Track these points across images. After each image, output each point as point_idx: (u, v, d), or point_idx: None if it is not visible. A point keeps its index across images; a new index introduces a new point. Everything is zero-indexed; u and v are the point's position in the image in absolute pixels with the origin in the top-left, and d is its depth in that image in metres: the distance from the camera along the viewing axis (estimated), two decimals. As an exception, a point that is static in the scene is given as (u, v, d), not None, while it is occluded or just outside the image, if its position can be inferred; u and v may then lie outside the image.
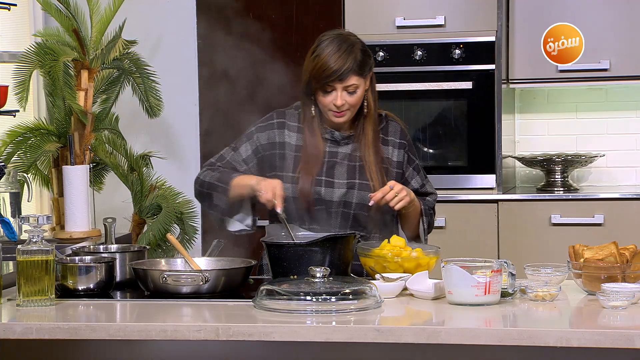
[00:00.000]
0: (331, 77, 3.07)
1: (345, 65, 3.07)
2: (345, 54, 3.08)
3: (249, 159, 3.19)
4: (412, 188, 3.19)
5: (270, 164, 3.17)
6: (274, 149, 3.18)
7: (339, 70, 3.06)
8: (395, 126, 3.23)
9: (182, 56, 4.92)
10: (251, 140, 3.21)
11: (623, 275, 2.70)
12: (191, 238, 4.18)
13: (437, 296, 2.70)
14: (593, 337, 2.31)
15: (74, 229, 3.83)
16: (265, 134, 3.20)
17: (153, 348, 2.69)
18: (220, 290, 2.78)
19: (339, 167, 3.15)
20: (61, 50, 3.96)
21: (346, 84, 3.08)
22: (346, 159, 3.16)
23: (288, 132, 3.19)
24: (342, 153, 3.17)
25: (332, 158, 3.16)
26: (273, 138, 3.19)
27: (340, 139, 3.17)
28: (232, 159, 3.20)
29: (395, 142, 3.21)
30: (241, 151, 3.21)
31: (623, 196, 4.61)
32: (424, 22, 4.67)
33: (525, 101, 5.09)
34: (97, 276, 2.82)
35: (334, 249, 2.86)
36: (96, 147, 4.09)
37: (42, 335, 2.48)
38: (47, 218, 2.70)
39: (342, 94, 3.09)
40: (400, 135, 3.23)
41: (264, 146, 3.19)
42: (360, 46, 3.13)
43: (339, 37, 3.12)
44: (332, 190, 3.12)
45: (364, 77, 3.11)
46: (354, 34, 3.18)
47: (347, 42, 3.11)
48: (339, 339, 2.40)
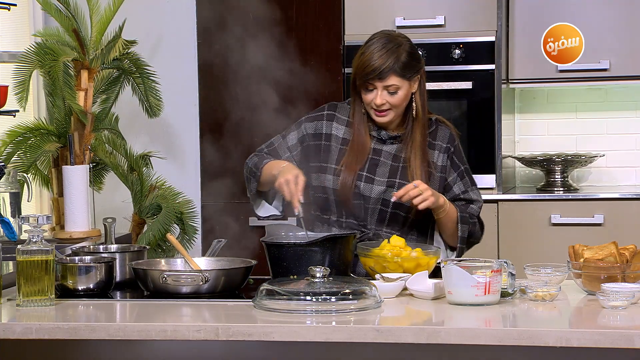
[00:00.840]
0: (370, 75, 3.08)
1: (386, 64, 3.07)
2: (388, 53, 3.08)
3: (293, 147, 3.23)
4: (454, 193, 3.18)
5: (314, 154, 3.20)
6: (320, 140, 3.21)
7: (378, 68, 3.07)
8: (444, 131, 3.22)
9: (182, 56, 4.92)
10: (299, 129, 3.25)
11: (623, 275, 2.71)
12: (191, 238, 4.18)
13: (437, 296, 2.70)
14: (593, 337, 2.31)
15: (74, 229, 3.83)
16: (314, 124, 3.23)
17: (153, 348, 2.69)
18: (220, 290, 2.78)
19: (382, 165, 3.16)
20: (61, 50, 3.95)
21: (386, 84, 3.08)
22: (390, 159, 3.17)
23: (336, 125, 3.21)
24: (387, 152, 3.17)
25: (376, 155, 3.17)
26: (320, 129, 3.22)
27: (386, 138, 3.18)
28: (279, 146, 3.24)
29: (442, 146, 3.20)
30: (288, 139, 3.25)
31: (623, 196, 4.61)
32: (424, 22, 4.67)
33: (525, 101, 5.09)
34: (96, 276, 2.82)
35: (333, 249, 2.86)
36: (96, 147, 4.09)
37: (41, 335, 2.48)
38: (47, 218, 2.70)
39: (383, 93, 3.10)
40: (448, 140, 3.21)
41: (310, 136, 3.22)
42: (407, 48, 3.12)
43: (386, 36, 3.13)
44: (371, 186, 3.13)
45: (407, 79, 3.11)
46: (404, 36, 3.17)
47: (393, 42, 3.11)
48: (338, 339, 2.40)
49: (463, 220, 3.13)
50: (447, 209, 3.10)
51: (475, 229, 3.18)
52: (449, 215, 3.11)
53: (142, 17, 4.82)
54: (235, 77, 4.79)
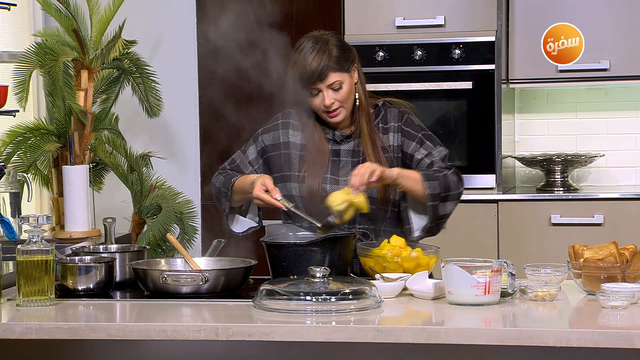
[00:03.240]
0: (311, 79, 3.06)
1: (321, 63, 3.05)
2: (320, 53, 3.06)
3: (254, 161, 3.21)
4: (417, 160, 3.09)
5: (277, 165, 3.18)
6: (279, 149, 3.19)
7: (316, 70, 3.05)
8: (393, 111, 3.18)
9: (182, 56, 4.92)
10: (257, 142, 3.23)
11: (623, 275, 2.70)
12: (191, 238, 4.18)
13: (437, 296, 2.70)
14: (593, 337, 2.31)
15: (74, 229, 3.83)
16: (270, 134, 3.22)
17: (153, 348, 2.69)
18: (220, 290, 2.78)
19: (343, 164, 3.14)
20: (61, 50, 3.95)
21: (328, 82, 3.07)
22: (350, 155, 3.15)
23: (292, 132, 3.19)
24: (345, 150, 3.16)
25: (336, 156, 3.15)
26: (277, 138, 3.20)
27: (340, 139, 3.16)
28: (241, 162, 3.23)
29: (394, 126, 3.16)
30: (248, 153, 3.23)
31: (623, 196, 4.61)
32: (424, 22, 4.67)
33: (525, 101, 5.09)
34: (96, 276, 2.82)
35: (333, 249, 2.86)
36: (96, 147, 4.09)
37: (41, 336, 2.48)
38: (46, 218, 2.70)
39: (328, 92, 3.08)
40: (397, 119, 3.17)
41: (269, 147, 3.20)
42: (335, 42, 3.11)
43: (311, 38, 3.12)
44: (337, 187, 3.11)
45: (347, 72, 3.09)
46: (328, 32, 3.16)
47: (320, 41, 3.10)
48: (338, 339, 2.40)
49: (428, 177, 3.02)
50: (404, 174, 3.00)
51: (448, 179, 3.03)
52: (411, 177, 3.01)
53: (142, 17, 4.82)
54: (235, 77, 4.78)
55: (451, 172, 3.07)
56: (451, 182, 3.05)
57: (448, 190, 3.04)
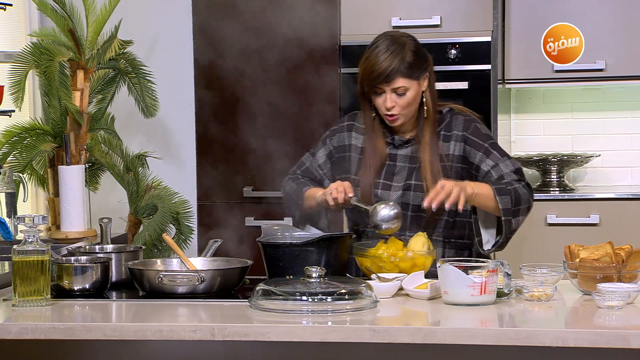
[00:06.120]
0: (377, 80, 3.04)
1: (391, 66, 3.02)
2: (393, 55, 3.03)
3: (324, 164, 3.23)
4: (484, 172, 3.05)
5: (342, 167, 3.19)
6: (344, 152, 3.20)
7: (384, 72, 3.03)
8: (458, 119, 3.14)
9: (178, 56, 4.92)
10: (325, 145, 3.25)
11: (619, 275, 2.71)
12: (187, 238, 4.18)
13: (433, 296, 2.70)
14: (589, 337, 2.31)
15: (70, 229, 3.82)
16: (337, 137, 3.23)
17: (149, 348, 2.69)
18: (216, 291, 2.78)
19: (399, 170, 3.13)
20: (57, 50, 3.95)
21: (394, 86, 3.05)
22: (407, 161, 3.13)
23: (355, 134, 3.20)
24: (402, 156, 3.14)
25: (392, 161, 3.14)
26: (342, 141, 3.21)
27: (399, 143, 3.15)
28: (311, 166, 3.24)
29: (457, 135, 3.12)
30: (318, 156, 3.24)
31: (619, 196, 4.61)
32: (420, 22, 4.67)
33: (521, 101, 5.10)
34: (92, 276, 2.82)
35: (329, 249, 2.87)
36: (92, 147, 4.09)
37: (37, 336, 2.48)
38: (42, 218, 2.70)
39: (391, 96, 3.06)
40: (462, 127, 3.12)
41: (336, 149, 3.22)
42: (411, 47, 3.07)
43: (390, 37, 3.08)
44: (388, 192, 3.10)
45: (415, 79, 3.07)
46: (408, 35, 3.12)
47: (397, 42, 3.06)
48: (334, 339, 2.40)
49: (500, 191, 2.98)
50: (478, 192, 2.97)
51: (518, 192, 3.00)
52: (483, 194, 2.98)
53: (138, 17, 4.82)
54: (231, 77, 4.78)
55: (522, 185, 3.05)
56: (522, 195, 3.03)
57: (519, 204, 3.02)
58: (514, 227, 3.04)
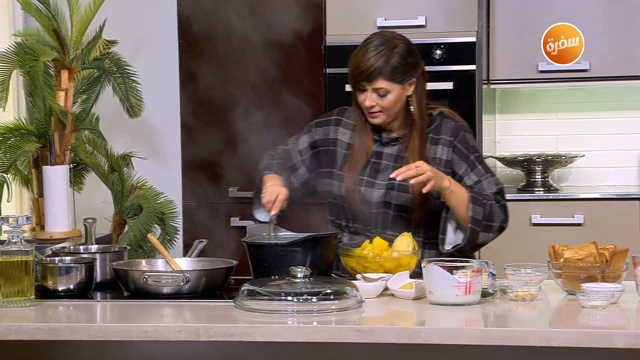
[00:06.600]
0: (360, 77, 3.04)
1: (374, 66, 3.02)
2: (378, 56, 3.02)
3: (304, 150, 3.23)
4: (466, 186, 3.05)
5: (325, 160, 3.19)
6: (328, 145, 3.20)
7: (366, 70, 3.02)
8: (448, 124, 3.13)
9: (163, 56, 4.91)
10: (310, 133, 3.25)
11: (602, 275, 2.72)
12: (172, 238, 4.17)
13: (418, 296, 2.70)
14: (573, 337, 2.32)
15: (54, 230, 3.81)
16: (323, 129, 3.23)
17: (134, 349, 2.68)
18: (201, 291, 2.77)
19: (384, 167, 3.13)
20: (41, 50, 3.94)
21: (374, 86, 3.04)
22: (392, 160, 3.13)
23: (343, 130, 3.20)
24: (388, 154, 3.14)
25: (377, 159, 3.15)
26: (327, 134, 3.22)
27: (386, 141, 3.15)
28: (292, 148, 3.25)
29: (446, 140, 3.11)
30: (300, 142, 3.25)
31: (603, 196, 4.63)
32: (405, 22, 4.67)
33: (505, 101, 5.11)
34: (77, 277, 2.81)
35: (315, 249, 2.86)
36: (76, 147, 4.08)
37: (21, 336, 2.47)
38: (27, 218, 2.69)
39: (372, 95, 3.06)
40: (451, 133, 3.11)
41: (320, 141, 3.22)
42: (401, 50, 3.05)
43: (381, 37, 3.07)
44: (371, 190, 3.11)
45: (398, 83, 3.05)
46: (402, 37, 3.09)
47: (387, 44, 3.05)
48: (320, 339, 2.40)
49: (475, 201, 2.99)
50: (454, 190, 2.97)
51: (493, 209, 3.02)
52: (458, 196, 2.98)
53: (123, 17, 4.81)
54: (217, 78, 4.78)
55: (499, 206, 3.05)
56: (495, 214, 3.04)
57: (491, 220, 3.03)
58: (481, 240, 3.04)
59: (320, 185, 3.21)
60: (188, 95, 4.84)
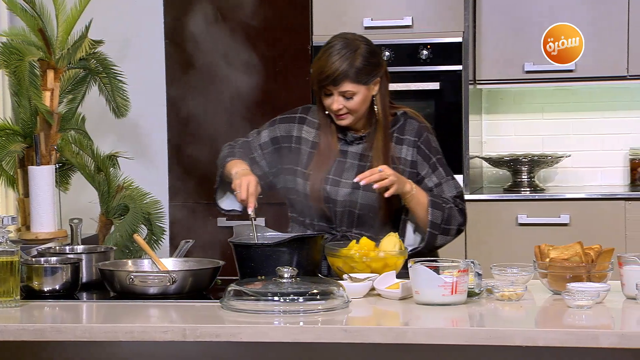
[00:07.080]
0: (325, 82, 3.05)
1: (339, 70, 3.02)
2: (342, 59, 3.03)
3: (265, 145, 3.23)
4: (427, 187, 3.09)
5: (287, 157, 3.19)
6: (291, 142, 3.20)
7: (332, 75, 3.03)
8: (412, 124, 3.16)
9: (149, 56, 4.90)
10: (272, 128, 3.25)
11: (588, 274, 2.72)
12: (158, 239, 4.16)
13: (405, 296, 2.70)
14: (559, 337, 2.32)
15: (40, 230, 3.80)
16: (286, 125, 3.23)
17: (120, 349, 2.68)
18: (187, 291, 2.77)
19: (349, 166, 3.14)
20: (27, 50, 3.92)
21: (341, 90, 3.05)
22: (357, 159, 3.15)
23: (307, 128, 3.20)
24: (353, 153, 3.15)
25: (342, 157, 3.16)
26: (291, 131, 3.21)
27: (351, 140, 3.16)
28: (252, 141, 3.25)
29: (410, 140, 3.14)
30: (261, 136, 3.25)
31: (589, 196, 4.64)
32: (392, 22, 4.68)
33: (492, 102, 5.12)
34: (62, 277, 2.80)
35: (301, 249, 2.86)
36: (62, 148, 4.06)
37: (6, 337, 2.46)
38: (12, 219, 2.68)
39: (339, 98, 3.07)
40: (415, 134, 3.15)
41: (282, 138, 3.22)
42: (363, 52, 3.06)
43: (343, 40, 3.08)
44: (337, 189, 3.12)
45: (364, 84, 3.06)
46: (363, 39, 3.10)
47: (349, 46, 3.06)
48: (306, 339, 2.40)
49: (434, 205, 3.04)
50: (415, 195, 3.02)
51: (452, 213, 3.07)
52: (418, 200, 3.03)
53: (109, 17, 4.80)
54: (203, 78, 4.77)
55: (458, 209, 3.10)
56: (454, 217, 3.09)
57: (449, 223, 3.08)
58: (439, 243, 3.09)
59: (281, 182, 3.21)
60: (174, 95, 4.83)
